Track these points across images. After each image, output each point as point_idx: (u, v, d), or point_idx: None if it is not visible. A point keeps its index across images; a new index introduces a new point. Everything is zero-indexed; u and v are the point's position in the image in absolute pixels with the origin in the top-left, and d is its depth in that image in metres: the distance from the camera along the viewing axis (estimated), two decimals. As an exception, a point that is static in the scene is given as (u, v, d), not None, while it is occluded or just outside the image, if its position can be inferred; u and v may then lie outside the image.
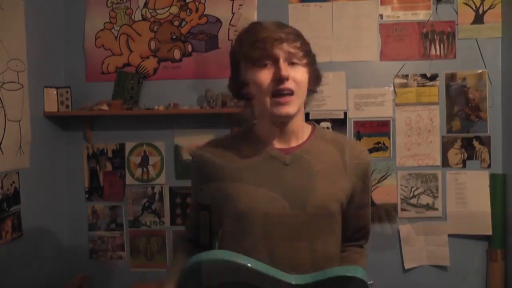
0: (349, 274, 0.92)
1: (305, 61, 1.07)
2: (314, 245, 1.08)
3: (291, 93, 1.04)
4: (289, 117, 1.07)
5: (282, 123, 1.10)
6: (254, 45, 1.03)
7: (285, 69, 1.02)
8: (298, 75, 1.05)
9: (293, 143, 1.14)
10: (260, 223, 1.07)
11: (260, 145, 1.13)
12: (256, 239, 1.07)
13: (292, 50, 1.04)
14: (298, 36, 1.08)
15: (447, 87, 2.61)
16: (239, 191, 1.09)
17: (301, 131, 1.15)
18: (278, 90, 1.03)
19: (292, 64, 1.04)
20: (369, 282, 0.94)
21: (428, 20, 2.61)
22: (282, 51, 1.03)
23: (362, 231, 1.26)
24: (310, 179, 1.09)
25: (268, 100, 1.05)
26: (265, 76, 1.04)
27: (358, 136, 2.64)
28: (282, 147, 1.13)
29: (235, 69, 1.12)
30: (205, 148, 1.20)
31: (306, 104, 1.16)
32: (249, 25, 1.10)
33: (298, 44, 1.06)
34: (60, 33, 2.70)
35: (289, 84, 1.03)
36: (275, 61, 1.03)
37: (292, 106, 1.05)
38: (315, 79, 1.13)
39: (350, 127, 2.65)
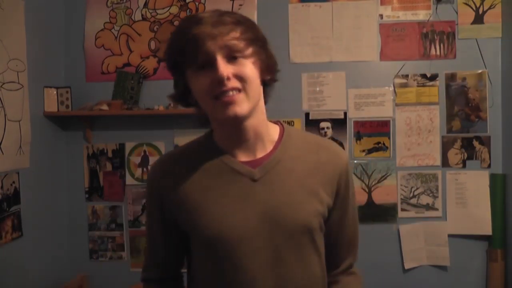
0: None
1: (249, 51, 0.90)
2: (298, 270, 0.95)
3: (237, 90, 0.88)
4: (239, 119, 0.90)
5: (237, 127, 0.94)
6: (184, 47, 0.89)
7: (224, 68, 0.86)
8: (242, 70, 0.88)
9: (260, 152, 0.98)
10: (234, 252, 0.93)
11: (221, 158, 0.97)
12: (231, 271, 0.93)
13: (229, 43, 0.87)
14: (238, 23, 0.90)
15: (447, 87, 2.61)
16: (203, 218, 0.94)
17: (267, 134, 0.99)
18: (221, 92, 0.87)
19: (233, 58, 0.88)
20: None
21: (428, 20, 2.61)
22: (216, 46, 0.86)
23: (348, 247, 1.08)
24: (284, 195, 0.95)
25: (211, 104, 0.90)
26: (203, 80, 0.89)
27: (358, 136, 2.64)
28: (247, 159, 0.97)
29: (173, 75, 0.98)
30: (160, 165, 1.03)
31: (266, 97, 1.00)
32: (181, 21, 0.94)
33: (237, 33, 0.88)
34: (60, 33, 2.70)
35: (231, 84, 0.87)
36: (212, 61, 0.87)
37: (241, 105, 0.88)
38: (267, 66, 0.95)
39: (350, 127, 2.65)
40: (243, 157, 0.97)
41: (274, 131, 1.02)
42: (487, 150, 2.59)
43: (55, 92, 2.55)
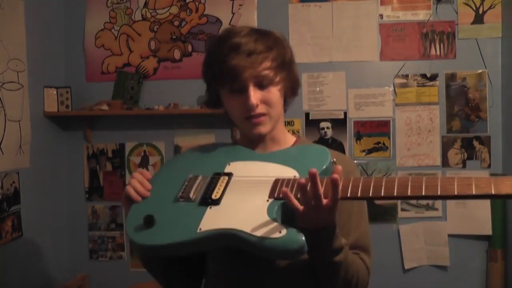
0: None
1: (277, 79, 1.03)
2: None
3: (263, 115, 1.03)
4: (263, 136, 1.06)
5: (259, 138, 1.08)
6: (222, 74, 1.01)
7: (254, 97, 0.99)
8: (269, 96, 1.02)
9: (275, 150, 1.10)
10: None
11: None
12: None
13: (261, 74, 1.00)
14: (269, 49, 1.01)
15: (447, 87, 2.61)
16: None
17: (284, 140, 1.12)
18: (249, 116, 1.02)
19: (263, 86, 1.02)
20: (332, 160, 0.95)
21: (428, 20, 2.61)
22: (250, 77, 0.99)
23: (354, 250, 1.03)
24: None
25: (241, 122, 1.05)
26: (236, 102, 1.03)
27: (358, 136, 2.64)
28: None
29: (208, 87, 1.10)
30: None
31: (285, 108, 1.13)
32: (217, 41, 1.05)
33: (268, 63, 1.01)
34: (60, 33, 2.70)
35: (259, 110, 1.01)
36: (245, 88, 1.00)
37: (265, 126, 1.04)
38: (291, 88, 1.09)
39: (350, 127, 2.65)
40: (259, 152, 1.09)
41: (290, 138, 1.14)
42: (487, 150, 2.59)
43: (55, 92, 2.55)
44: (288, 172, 0.95)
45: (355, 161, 2.64)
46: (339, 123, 2.65)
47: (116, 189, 2.73)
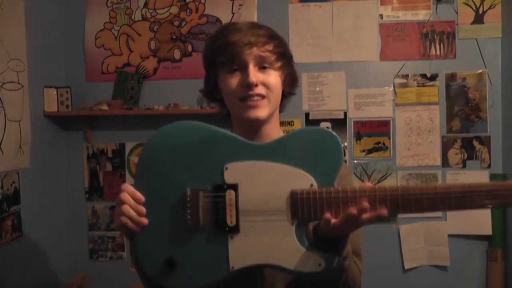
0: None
1: (278, 64, 1.02)
2: None
3: (261, 97, 0.99)
4: (259, 122, 1.02)
5: (254, 129, 1.04)
6: (223, 50, 0.99)
7: (254, 75, 0.97)
8: (269, 79, 1.00)
9: None
10: None
11: None
12: None
13: (263, 54, 0.99)
14: (271, 37, 1.02)
15: (447, 87, 2.61)
16: None
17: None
18: (247, 95, 0.98)
19: (263, 68, 1.00)
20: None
21: (428, 20, 2.61)
22: (251, 55, 0.98)
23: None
24: None
25: (237, 104, 1.00)
26: (234, 81, 0.99)
27: (358, 136, 2.64)
28: None
29: (207, 72, 1.08)
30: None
31: (282, 107, 1.11)
32: (221, 27, 1.05)
33: (270, 47, 1.00)
34: (60, 33, 2.70)
35: (258, 90, 0.98)
36: (245, 66, 0.98)
37: (263, 110, 1.00)
38: (290, 81, 1.07)
39: (350, 127, 2.65)
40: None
41: None
42: (487, 150, 2.59)
43: (55, 92, 2.55)
44: (302, 179, 0.88)
45: (355, 161, 2.64)
46: (339, 123, 2.65)
47: (116, 189, 2.71)
